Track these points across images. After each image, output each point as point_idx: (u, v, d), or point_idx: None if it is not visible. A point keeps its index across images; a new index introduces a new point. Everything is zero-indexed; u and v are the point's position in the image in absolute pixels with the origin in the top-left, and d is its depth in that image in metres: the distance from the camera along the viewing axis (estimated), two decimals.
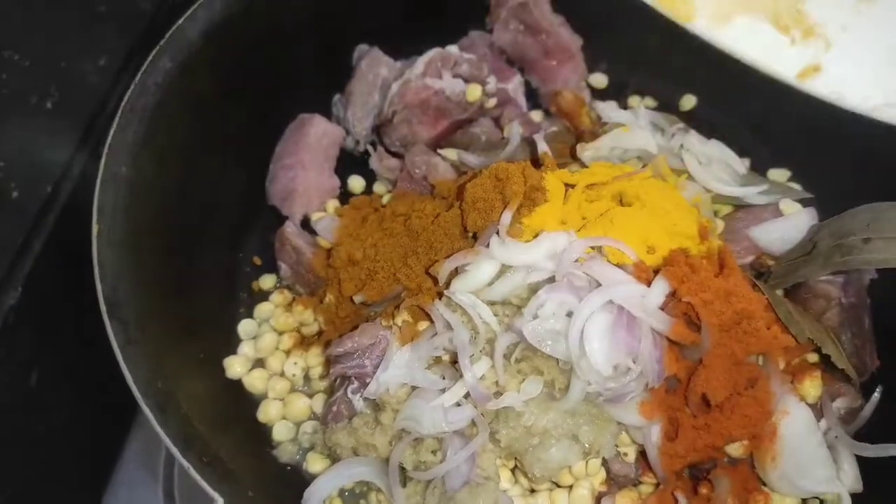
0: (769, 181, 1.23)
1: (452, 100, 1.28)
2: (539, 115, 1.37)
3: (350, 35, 1.36)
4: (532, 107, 1.40)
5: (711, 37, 1.19)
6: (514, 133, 1.22)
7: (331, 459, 1.05)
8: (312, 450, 1.08)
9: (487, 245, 0.99)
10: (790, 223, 1.11)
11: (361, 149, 1.35)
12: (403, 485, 0.98)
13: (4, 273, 1.01)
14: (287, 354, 1.15)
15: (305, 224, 1.26)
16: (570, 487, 0.99)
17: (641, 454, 0.99)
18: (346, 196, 1.31)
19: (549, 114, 1.37)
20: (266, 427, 1.11)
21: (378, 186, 1.33)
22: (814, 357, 1.07)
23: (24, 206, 1.06)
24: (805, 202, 1.19)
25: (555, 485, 1.01)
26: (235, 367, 1.13)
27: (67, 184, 1.12)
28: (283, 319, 1.17)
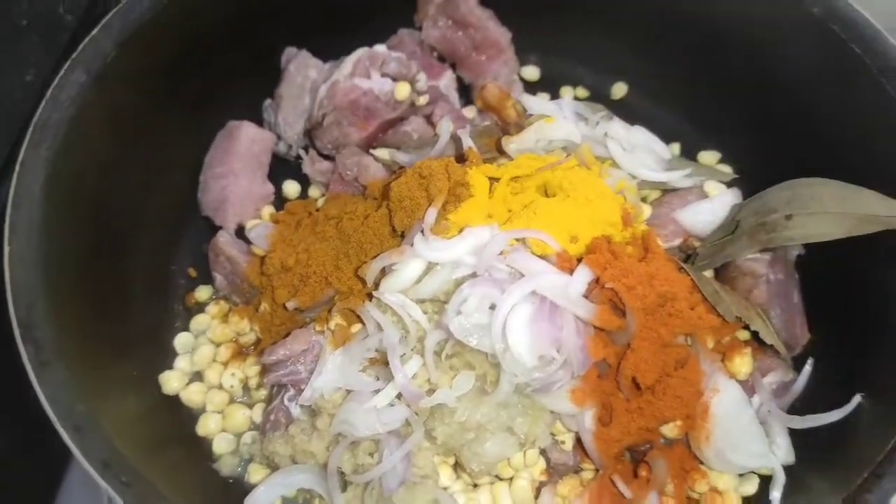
0: (695, 164, 1.25)
1: (381, 99, 1.26)
2: (472, 111, 1.36)
3: (277, 38, 1.34)
4: (466, 103, 1.39)
5: None
6: (445, 130, 1.21)
7: (271, 469, 1.04)
8: (253, 461, 1.07)
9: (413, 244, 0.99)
10: (714, 204, 1.12)
11: (294, 153, 1.33)
12: (343, 489, 0.97)
13: None
14: (225, 366, 1.14)
15: (241, 232, 1.24)
16: (511, 479, 1.00)
17: (579, 441, 1.00)
18: (283, 202, 1.29)
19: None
20: (206, 441, 1.09)
21: (313, 190, 1.31)
22: (745, 334, 1.08)
23: None
24: (733, 183, 1.21)
25: (496, 478, 1.01)
26: (172, 383, 1.11)
27: None
28: (220, 331, 1.15)
